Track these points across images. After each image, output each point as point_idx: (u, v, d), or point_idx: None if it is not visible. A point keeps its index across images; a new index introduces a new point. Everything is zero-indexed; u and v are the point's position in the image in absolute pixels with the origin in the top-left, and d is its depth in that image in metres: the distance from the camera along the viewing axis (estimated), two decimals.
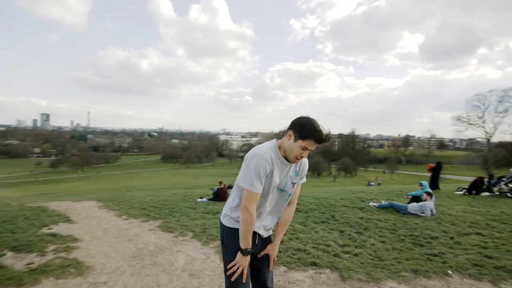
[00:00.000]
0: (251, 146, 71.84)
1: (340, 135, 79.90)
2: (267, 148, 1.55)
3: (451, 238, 4.35)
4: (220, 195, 8.26)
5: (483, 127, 34.91)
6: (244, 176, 1.53)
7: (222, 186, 8.72)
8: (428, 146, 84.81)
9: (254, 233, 1.67)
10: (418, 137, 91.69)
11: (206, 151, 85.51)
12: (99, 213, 6.53)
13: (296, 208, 6.69)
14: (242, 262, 1.59)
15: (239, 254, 1.59)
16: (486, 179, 9.28)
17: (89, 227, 5.16)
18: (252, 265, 1.73)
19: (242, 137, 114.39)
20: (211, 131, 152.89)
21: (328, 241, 4.14)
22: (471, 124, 35.56)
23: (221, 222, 1.77)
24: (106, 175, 58.29)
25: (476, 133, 36.57)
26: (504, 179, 8.88)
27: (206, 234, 4.46)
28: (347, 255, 3.55)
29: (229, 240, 1.66)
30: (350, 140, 73.25)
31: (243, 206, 1.52)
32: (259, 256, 1.74)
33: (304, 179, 1.74)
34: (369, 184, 26.83)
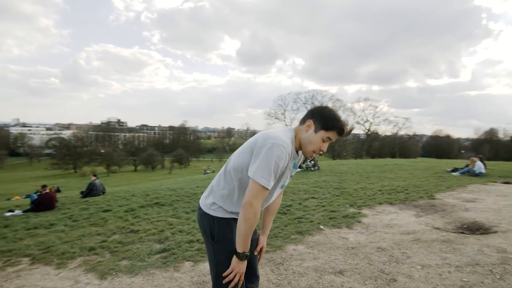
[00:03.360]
0: (62, 140, 58.00)
1: (172, 127, 79.77)
2: (289, 141, 1.29)
3: (300, 203, 5.39)
4: (45, 203, 6.21)
5: (285, 121, 45.36)
6: (262, 168, 1.20)
7: (48, 190, 6.59)
8: (246, 137, 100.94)
9: None
10: (238, 129, 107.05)
11: None
12: None
13: (159, 202, 6.14)
14: (240, 268, 1.29)
15: (234, 259, 1.29)
16: None
17: None
18: None
19: (48, 129, 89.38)
20: None
21: None
22: (277, 118, 45.39)
23: (206, 213, 1.37)
24: None
25: (280, 126, 46.98)
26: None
27: (55, 254, 3.25)
28: None
29: (222, 233, 1.32)
30: (182, 132, 74.44)
31: (247, 201, 1.21)
32: (255, 252, 1.55)
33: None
34: (205, 172, 28.53)
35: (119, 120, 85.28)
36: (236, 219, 1.35)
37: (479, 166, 8.70)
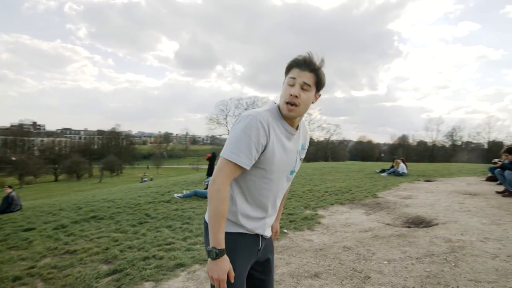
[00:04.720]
0: None
1: (101, 132, 72.46)
2: (263, 110, 1.15)
3: None
4: None
5: (227, 126, 45.29)
6: (229, 144, 1.11)
7: None
8: (185, 142, 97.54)
9: (258, 236, 1.23)
10: (176, 134, 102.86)
11: None
12: None
13: (96, 216, 5.39)
14: (214, 272, 1.06)
15: (208, 261, 1.08)
16: None
17: None
18: (251, 278, 1.25)
19: None
20: None
21: (167, 239, 3.74)
22: (219, 123, 45.13)
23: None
24: None
25: (223, 131, 46.74)
26: None
27: None
28: (198, 245, 3.39)
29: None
30: (113, 137, 68.02)
31: (212, 177, 1.09)
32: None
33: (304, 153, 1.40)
34: (142, 180, 26.51)
35: (35, 122, 73.88)
36: (244, 233, 1.18)
37: (402, 167, 9.93)
